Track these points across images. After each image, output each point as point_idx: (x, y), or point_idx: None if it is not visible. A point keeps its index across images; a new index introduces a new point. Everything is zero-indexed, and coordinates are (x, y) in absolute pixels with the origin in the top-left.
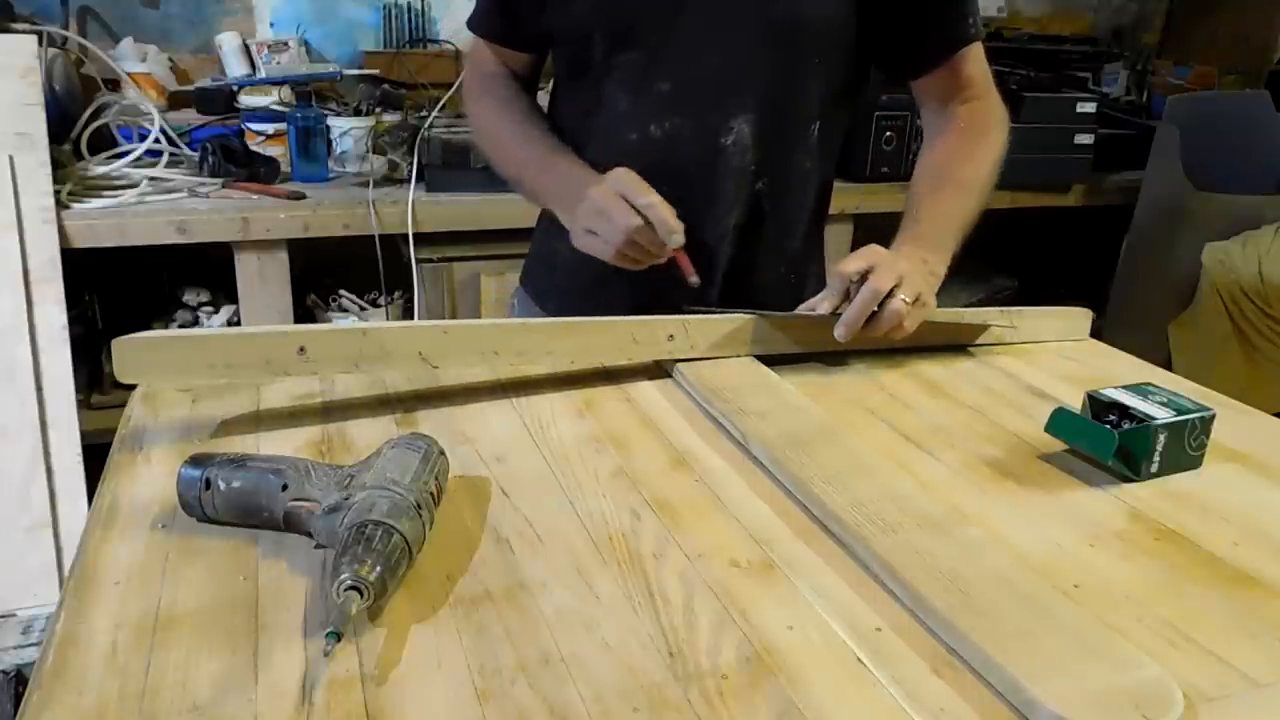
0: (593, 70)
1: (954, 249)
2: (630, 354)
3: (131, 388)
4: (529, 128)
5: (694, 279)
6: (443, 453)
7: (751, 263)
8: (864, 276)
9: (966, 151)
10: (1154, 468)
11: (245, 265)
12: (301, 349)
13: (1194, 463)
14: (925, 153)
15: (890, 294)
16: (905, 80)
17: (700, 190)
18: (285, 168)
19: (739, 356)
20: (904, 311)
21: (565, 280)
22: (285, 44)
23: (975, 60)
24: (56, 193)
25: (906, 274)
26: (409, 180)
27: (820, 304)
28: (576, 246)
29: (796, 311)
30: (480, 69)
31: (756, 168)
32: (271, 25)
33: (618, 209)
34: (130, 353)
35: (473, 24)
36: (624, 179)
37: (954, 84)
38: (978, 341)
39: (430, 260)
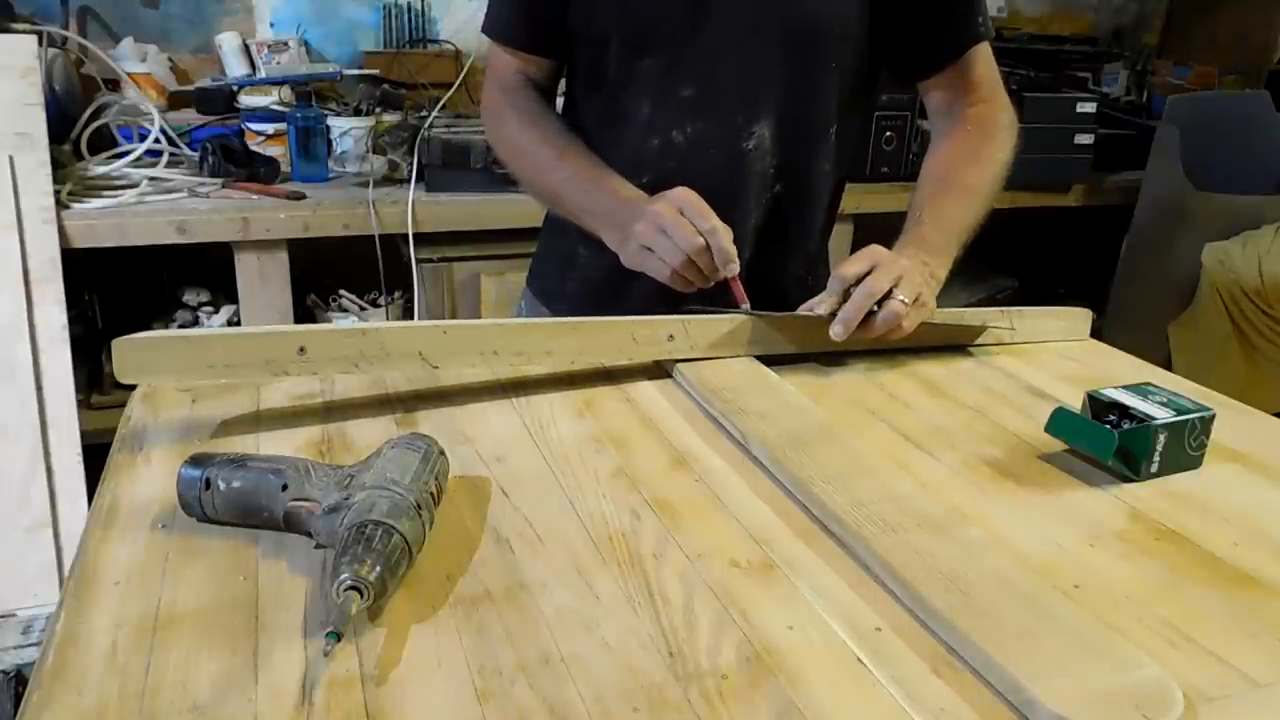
0: (611, 77)
1: (956, 253)
2: (630, 354)
3: (131, 388)
4: (564, 144)
5: (745, 305)
6: (443, 453)
7: (771, 265)
8: (863, 277)
9: (973, 154)
10: (1154, 468)
11: (245, 265)
12: (301, 349)
13: (1194, 463)
14: (931, 154)
15: (888, 294)
16: (916, 80)
17: (722, 195)
18: (285, 168)
19: (739, 356)
20: (902, 312)
21: (580, 285)
22: (285, 44)
23: (984, 60)
24: (56, 193)
25: (906, 274)
26: (409, 180)
27: (819, 305)
28: (627, 264)
29: (796, 312)
30: (500, 82)
31: (776, 171)
32: (271, 25)
33: (681, 229)
34: (130, 353)
35: (490, 29)
36: (688, 199)
37: (963, 85)
38: (977, 342)
39: (430, 260)
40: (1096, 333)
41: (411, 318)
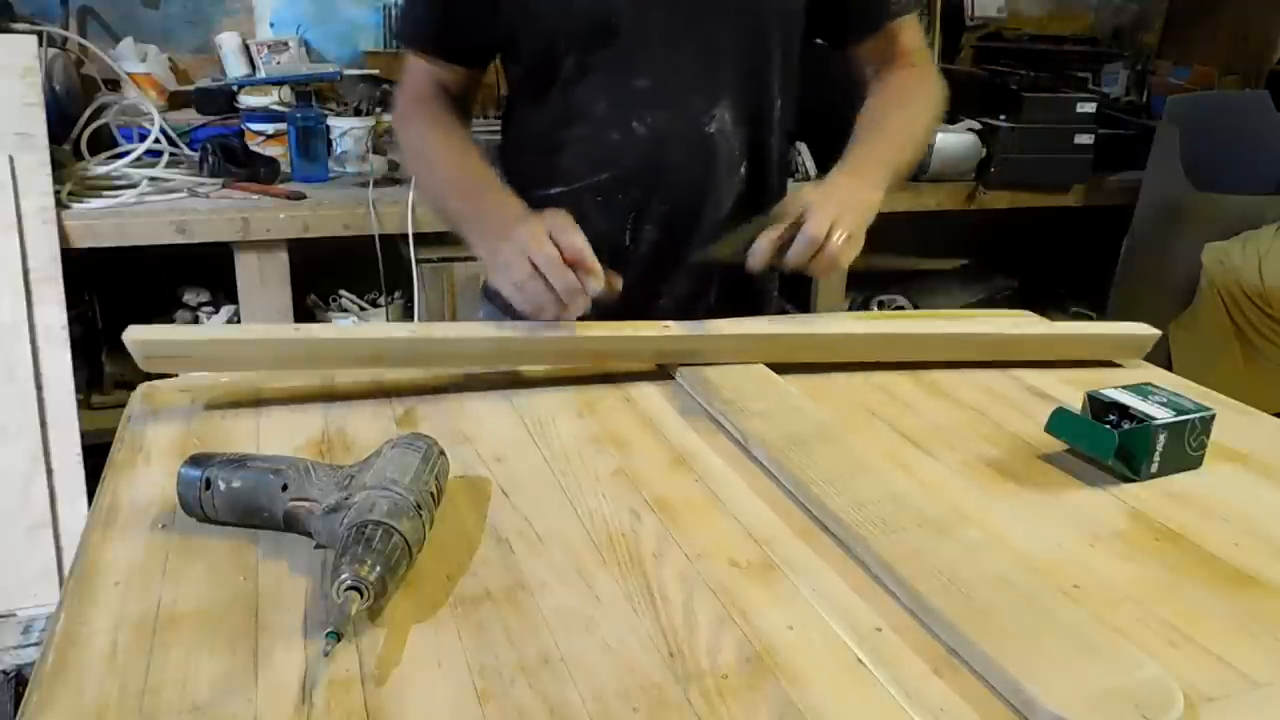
0: (559, 78)
1: (889, 178)
2: (625, 359)
3: (132, 388)
4: (462, 149)
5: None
6: (443, 453)
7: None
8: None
9: (901, 100)
10: (1154, 468)
11: (245, 265)
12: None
13: (1194, 463)
14: (864, 107)
15: (827, 236)
16: (844, 47)
17: (694, 182)
18: (285, 168)
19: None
20: (837, 255)
21: None
22: (285, 44)
23: (910, 31)
24: (56, 193)
25: (839, 213)
26: (409, 180)
27: (758, 254)
28: (491, 282)
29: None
30: (413, 90)
31: (739, 152)
32: (271, 25)
33: (558, 272)
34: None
35: (405, 37)
36: (558, 222)
37: (890, 51)
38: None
39: (430, 260)
40: None
41: (411, 318)
